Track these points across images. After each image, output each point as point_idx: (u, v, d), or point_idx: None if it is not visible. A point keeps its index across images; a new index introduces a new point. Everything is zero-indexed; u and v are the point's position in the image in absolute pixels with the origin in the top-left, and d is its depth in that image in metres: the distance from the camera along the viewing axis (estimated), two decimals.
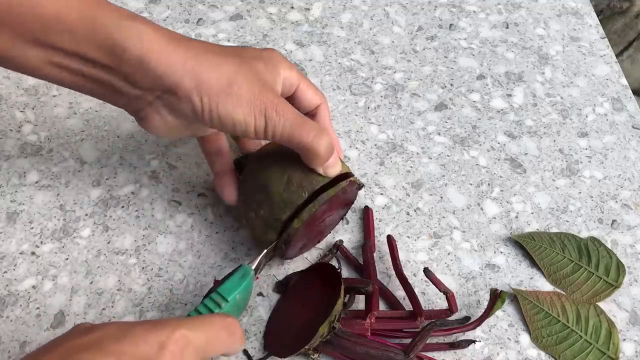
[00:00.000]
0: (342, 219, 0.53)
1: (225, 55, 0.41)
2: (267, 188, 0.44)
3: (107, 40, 0.37)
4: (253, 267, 0.44)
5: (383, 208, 0.54)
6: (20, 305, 0.47)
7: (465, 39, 0.68)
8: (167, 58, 0.38)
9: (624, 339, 0.48)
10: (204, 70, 0.39)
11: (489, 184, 0.56)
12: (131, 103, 0.41)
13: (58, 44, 0.37)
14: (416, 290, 0.48)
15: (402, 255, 0.51)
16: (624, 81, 0.66)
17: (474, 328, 0.46)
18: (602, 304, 0.49)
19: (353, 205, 0.54)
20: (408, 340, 0.44)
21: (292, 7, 0.69)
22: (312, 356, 0.44)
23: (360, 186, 0.47)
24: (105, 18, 0.37)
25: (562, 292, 0.50)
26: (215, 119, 0.40)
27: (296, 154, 0.43)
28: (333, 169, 0.44)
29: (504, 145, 0.59)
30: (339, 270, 0.47)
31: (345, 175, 0.45)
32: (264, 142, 0.50)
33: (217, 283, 0.43)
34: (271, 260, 0.48)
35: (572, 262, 0.51)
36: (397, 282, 0.48)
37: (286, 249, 0.45)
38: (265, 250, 0.45)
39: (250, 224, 0.46)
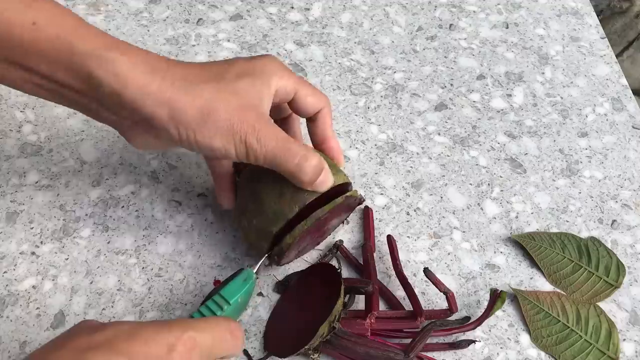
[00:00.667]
0: (343, 222, 0.53)
1: (205, 81, 0.39)
2: (260, 198, 0.44)
3: (82, 70, 0.37)
4: (255, 271, 0.44)
5: (383, 208, 0.54)
6: (20, 305, 0.47)
7: (465, 39, 0.68)
8: (141, 90, 0.37)
9: (624, 339, 0.48)
10: (180, 99, 0.38)
11: (489, 184, 0.56)
12: (114, 124, 0.41)
13: (35, 68, 0.37)
14: (416, 290, 0.48)
15: (402, 255, 0.51)
16: (624, 81, 0.66)
17: (474, 328, 0.46)
18: (602, 304, 0.49)
19: None
20: (408, 340, 0.44)
21: (292, 7, 0.69)
22: (312, 356, 0.44)
23: (359, 200, 0.47)
24: (81, 46, 0.37)
25: (562, 292, 0.50)
26: (194, 146, 0.40)
27: None
28: (323, 186, 0.43)
29: (504, 145, 0.59)
30: (339, 270, 0.47)
31: (343, 186, 0.45)
32: None
33: (218, 284, 0.43)
34: (269, 265, 0.48)
35: (572, 262, 0.51)
36: (397, 282, 0.48)
37: (279, 260, 0.45)
38: (266, 255, 0.46)
39: (244, 231, 0.46)
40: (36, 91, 0.39)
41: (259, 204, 0.44)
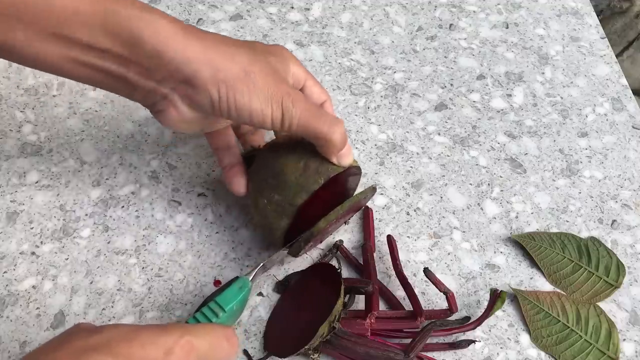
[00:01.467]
0: (345, 222, 0.53)
1: (240, 46, 0.41)
2: (283, 174, 0.44)
3: (123, 32, 0.37)
4: (250, 278, 0.45)
5: (383, 208, 0.54)
6: (20, 305, 0.47)
7: (465, 39, 0.68)
8: (183, 48, 0.38)
9: (624, 339, 0.48)
10: (221, 60, 0.39)
11: (489, 184, 0.56)
12: (147, 96, 0.41)
13: (74, 38, 0.37)
14: (416, 290, 0.48)
15: (402, 255, 0.51)
16: (624, 81, 0.66)
17: (474, 328, 0.46)
18: (602, 304, 0.49)
19: None
20: (408, 340, 0.44)
21: (292, 7, 0.69)
22: (312, 356, 0.44)
23: (372, 191, 0.48)
24: (121, 10, 0.37)
25: (562, 292, 0.50)
26: (232, 109, 0.40)
27: (309, 144, 0.44)
28: (347, 159, 0.45)
29: (504, 145, 0.59)
30: (339, 270, 0.47)
31: (357, 170, 0.47)
32: (267, 138, 0.50)
33: (218, 284, 0.43)
34: (282, 262, 0.48)
35: (572, 262, 0.51)
36: (397, 282, 0.48)
37: (305, 246, 0.46)
38: (262, 264, 0.46)
39: (262, 212, 0.46)
40: (71, 68, 0.39)
41: (281, 178, 0.44)
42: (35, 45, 0.37)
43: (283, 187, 0.44)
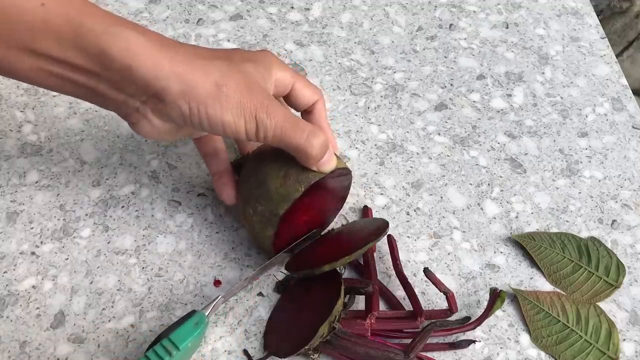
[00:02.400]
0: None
1: (214, 58, 0.40)
2: (265, 183, 0.44)
3: (93, 47, 0.37)
4: (207, 313, 0.42)
5: (383, 208, 0.54)
6: (20, 305, 0.47)
7: (465, 39, 0.68)
8: (153, 63, 0.38)
9: (624, 339, 0.48)
10: (192, 74, 0.39)
11: (489, 184, 0.56)
12: (119, 108, 0.41)
13: (45, 51, 0.37)
14: (416, 290, 0.48)
15: (402, 255, 0.51)
16: (624, 81, 0.66)
17: (474, 328, 0.46)
18: (602, 304, 0.49)
19: (353, 205, 0.54)
20: (408, 341, 0.44)
21: (292, 7, 0.69)
22: (312, 356, 0.44)
23: (344, 172, 0.47)
24: (92, 24, 0.37)
25: (562, 292, 0.50)
26: (204, 122, 0.40)
27: None
28: (328, 166, 0.44)
29: (504, 145, 0.59)
30: (339, 271, 0.47)
31: (345, 171, 0.46)
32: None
33: (169, 328, 0.41)
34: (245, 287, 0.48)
35: (572, 262, 0.51)
36: (397, 282, 0.48)
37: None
38: (220, 296, 0.44)
39: (249, 221, 0.46)
40: (45, 79, 0.39)
41: (264, 188, 0.44)
42: (9, 55, 0.37)
43: (266, 197, 0.44)
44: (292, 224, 0.46)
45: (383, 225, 0.46)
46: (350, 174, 0.48)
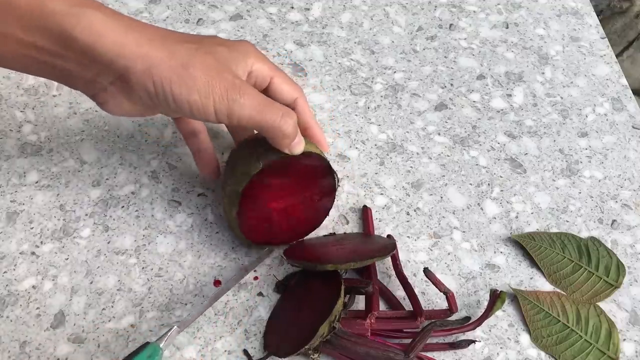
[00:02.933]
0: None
1: (183, 42, 0.40)
2: (234, 165, 0.46)
3: (56, 28, 0.37)
4: (162, 344, 0.41)
5: (383, 208, 0.54)
6: (20, 305, 0.47)
7: (465, 39, 0.68)
8: (117, 43, 0.37)
9: (624, 339, 0.48)
10: (157, 53, 0.38)
11: (489, 184, 0.56)
12: (87, 87, 0.41)
13: (9, 33, 0.37)
14: (416, 290, 0.48)
15: (402, 255, 0.51)
16: (624, 81, 0.66)
17: (474, 328, 0.46)
18: (602, 304, 0.49)
19: (353, 205, 0.54)
20: (408, 341, 0.44)
21: (292, 7, 0.69)
22: (312, 356, 0.44)
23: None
24: (54, 5, 0.37)
25: (562, 292, 0.50)
26: (170, 102, 0.39)
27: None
28: (299, 147, 0.44)
29: (504, 145, 0.59)
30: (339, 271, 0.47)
31: (316, 158, 0.46)
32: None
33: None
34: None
35: (572, 262, 0.51)
36: (397, 282, 0.48)
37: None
38: (175, 326, 0.43)
39: (223, 206, 0.47)
40: (11, 60, 0.39)
41: (232, 170, 0.46)
42: None
43: (232, 177, 0.45)
44: (258, 206, 0.46)
45: (391, 245, 0.47)
46: (322, 161, 0.46)
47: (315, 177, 0.47)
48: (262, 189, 0.45)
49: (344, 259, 0.44)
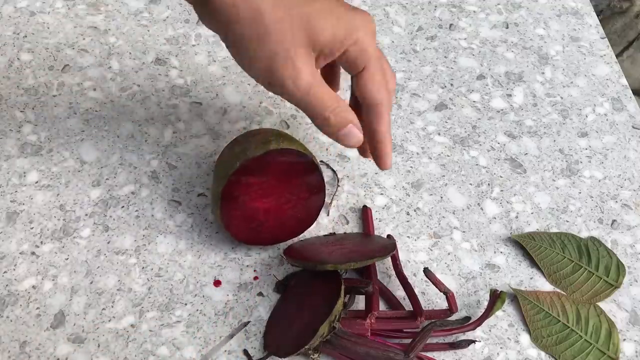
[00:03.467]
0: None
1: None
2: (217, 168, 0.47)
3: None
4: None
5: (383, 208, 0.54)
6: (20, 305, 0.47)
7: (465, 39, 0.68)
8: None
9: (624, 339, 0.48)
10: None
11: (489, 184, 0.56)
12: None
13: None
14: (416, 290, 0.48)
15: (402, 255, 0.51)
16: (624, 81, 0.66)
17: (474, 328, 0.46)
18: (602, 304, 0.49)
19: (353, 205, 0.54)
20: (408, 341, 0.44)
21: None
22: (312, 356, 0.44)
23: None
24: None
25: (562, 292, 0.50)
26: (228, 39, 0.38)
27: (252, 137, 0.45)
28: (350, 138, 0.41)
29: (504, 145, 0.59)
30: (339, 271, 0.47)
31: (299, 155, 0.46)
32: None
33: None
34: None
35: (572, 262, 0.51)
36: (397, 282, 0.48)
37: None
38: None
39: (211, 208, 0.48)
40: None
41: (215, 172, 0.47)
42: None
43: (215, 178, 0.46)
44: (240, 206, 0.46)
45: (391, 245, 0.47)
46: (306, 158, 0.46)
47: (299, 174, 0.47)
48: (243, 189, 0.45)
49: (344, 259, 0.44)
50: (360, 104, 0.43)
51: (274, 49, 0.37)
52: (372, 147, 0.44)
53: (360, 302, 0.47)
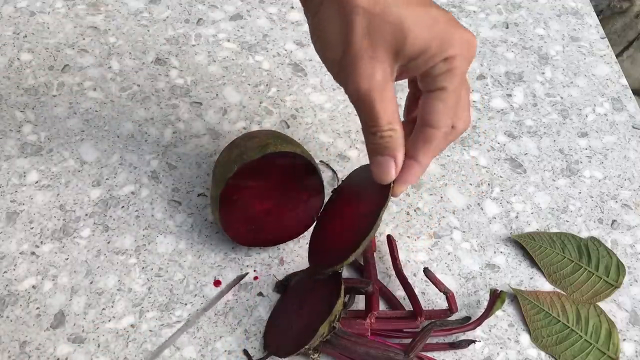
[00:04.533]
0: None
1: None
2: (215, 171, 0.47)
3: None
4: None
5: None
6: (20, 305, 0.47)
7: None
8: None
9: (624, 339, 0.48)
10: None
11: (489, 184, 0.56)
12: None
13: None
14: (416, 290, 0.48)
15: (402, 255, 0.51)
16: (624, 81, 0.66)
17: (474, 328, 0.46)
18: (602, 304, 0.49)
19: None
20: (408, 340, 0.44)
21: (292, 7, 0.69)
22: (312, 356, 0.44)
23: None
24: None
25: (562, 292, 0.50)
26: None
27: (250, 140, 0.45)
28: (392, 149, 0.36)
29: (504, 145, 0.59)
30: (339, 271, 0.47)
31: (299, 158, 0.45)
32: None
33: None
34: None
35: (572, 262, 0.51)
36: (397, 282, 0.48)
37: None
38: None
39: (211, 211, 0.49)
40: None
41: (214, 175, 0.47)
42: None
43: (213, 181, 0.47)
44: (239, 208, 0.46)
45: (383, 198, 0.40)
46: (303, 159, 0.45)
47: (297, 176, 0.47)
48: (242, 192, 0.46)
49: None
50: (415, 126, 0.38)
51: (352, 41, 0.34)
52: (403, 168, 0.38)
53: (360, 302, 0.47)
